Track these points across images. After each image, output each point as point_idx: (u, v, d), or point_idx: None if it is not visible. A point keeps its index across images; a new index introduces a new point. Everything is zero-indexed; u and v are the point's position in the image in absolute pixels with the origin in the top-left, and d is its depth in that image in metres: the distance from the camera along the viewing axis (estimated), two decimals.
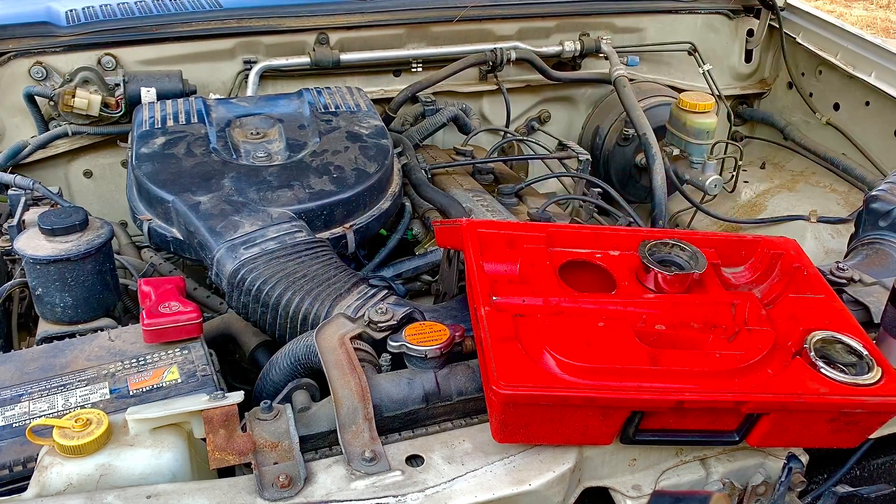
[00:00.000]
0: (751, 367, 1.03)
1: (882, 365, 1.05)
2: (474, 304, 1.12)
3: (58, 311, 1.43)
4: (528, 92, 2.69)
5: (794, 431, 1.05)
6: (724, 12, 2.81)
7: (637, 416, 1.01)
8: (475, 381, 1.14)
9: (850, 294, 1.39)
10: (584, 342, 1.04)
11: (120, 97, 2.12)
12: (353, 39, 2.40)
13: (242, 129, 1.85)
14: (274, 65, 2.32)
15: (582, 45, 2.61)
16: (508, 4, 2.57)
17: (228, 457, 0.98)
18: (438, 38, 2.49)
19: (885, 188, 1.70)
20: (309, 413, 1.08)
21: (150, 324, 1.21)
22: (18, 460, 1.04)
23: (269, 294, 1.36)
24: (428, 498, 0.96)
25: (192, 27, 2.27)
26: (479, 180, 2.25)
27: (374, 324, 1.20)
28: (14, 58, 2.14)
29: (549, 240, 1.25)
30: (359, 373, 1.09)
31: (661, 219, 2.30)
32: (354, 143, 1.81)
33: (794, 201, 2.62)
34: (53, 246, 1.41)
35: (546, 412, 0.98)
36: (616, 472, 1.10)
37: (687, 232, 1.41)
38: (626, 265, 1.23)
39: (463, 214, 1.90)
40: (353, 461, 0.99)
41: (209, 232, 1.50)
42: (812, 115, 2.78)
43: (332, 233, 1.63)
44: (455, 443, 1.05)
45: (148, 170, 1.67)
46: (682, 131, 2.47)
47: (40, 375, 1.18)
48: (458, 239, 1.27)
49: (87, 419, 0.99)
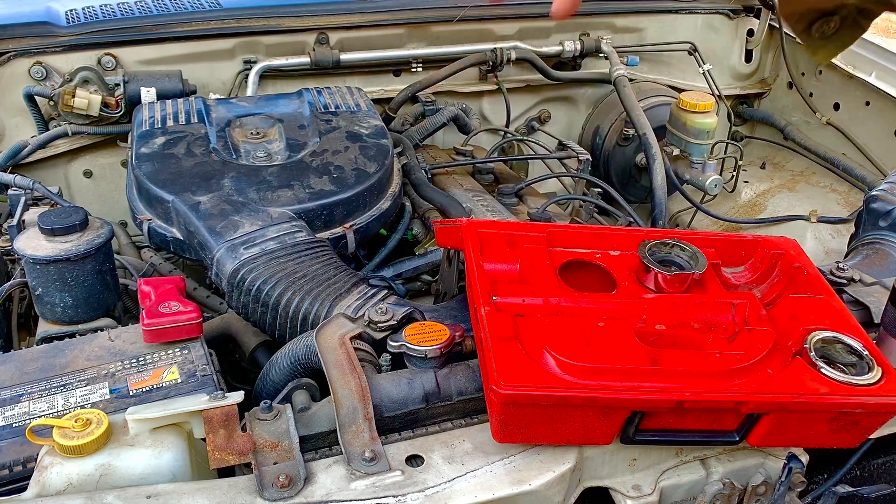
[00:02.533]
0: (751, 367, 1.03)
1: (882, 365, 1.05)
2: (474, 304, 1.12)
3: (58, 311, 1.43)
4: (528, 92, 2.69)
5: (794, 431, 1.05)
6: (724, 12, 2.81)
7: (637, 416, 1.01)
8: (475, 381, 1.14)
9: (850, 294, 1.39)
10: (584, 342, 1.04)
11: (120, 97, 2.12)
12: (353, 39, 2.40)
13: (242, 129, 1.85)
14: (274, 65, 2.32)
15: (582, 45, 2.61)
16: (508, 4, 2.57)
17: (228, 457, 0.98)
18: (438, 38, 2.49)
19: (885, 188, 1.70)
20: (309, 413, 1.08)
21: (150, 324, 1.21)
22: (18, 460, 1.03)
23: (269, 294, 1.36)
24: (428, 498, 0.95)
25: (192, 27, 2.27)
26: (479, 180, 2.24)
27: (374, 324, 1.20)
28: (14, 58, 2.13)
29: (549, 240, 1.25)
30: (359, 373, 1.09)
31: (661, 219, 2.30)
32: (354, 143, 1.81)
33: (794, 201, 2.62)
34: (53, 246, 1.41)
35: (546, 412, 0.98)
36: (616, 472, 1.10)
37: (687, 232, 1.40)
38: (626, 265, 1.23)
39: (463, 214, 1.90)
40: (353, 461, 0.99)
41: (209, 232, 1.50)
42: (812, 115, 2.78)
43: (332, 233, 1.63)
44: (455, 443, 1.05)
45: (148, 170, 1.67)
46: (682, 131, 2.46)
47: (40, 375, 1.18)
48: (458, 239, 1.27)
49: (87, 419, 0.99)
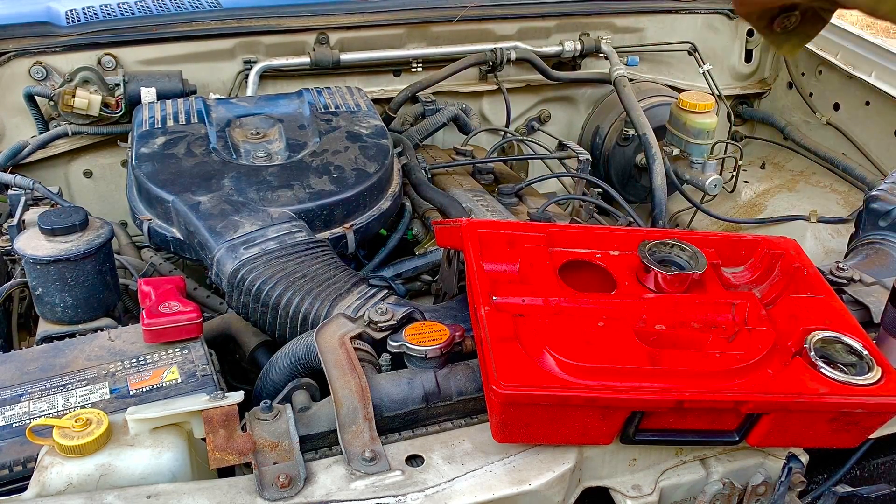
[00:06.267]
0: (751, 367, 1.03)
1: (882, 365, 1.05)
2: (474, 304, 1.12)
3: (58, 311, 1.43)
4: (528, 92, 2.69)
5: (794, 431, 1.05)
6: (724, 12, 2.81)
7: (637, 416, 1.01)
8: (475, 381, 1.14)
9: (850, 294, 1.39)
10: (584, 342, 1.04)
11: (120, 97, 2.12)
12: (353, 39, 2.40)
13: (242, 129, 1.85)
14: (274, 65, 2.32)
15: (582, 45, 2.61)
16: (508, 4, 2.57)
17: (228, 457, 0.98)
18: (438, 38, 2.49)
19: (885, 188, 1.70)
20: (309, 413, 1.08)
21: (150, 324, 1.21)
22: (18, 460, 1.04)
23: (269, 294, 1.36)
24: (428, 498, 0.95)
25: (192, 27, 2.27)
26: (479, 180, 2.24)
27: (374, 324, 1.20)
28: (14, 58, 2.13)
29: (549, 240, 1.25)
30: (359, 373, 1.09)
31: (661, 219, 2.30)
32: (354, 143, 1.81)
33: (794, 201, 2.62)
34: (53, 246, 1.41)
35: (546, 412, 0.98)
36: (616, 472, 1.10)
37: (687, 232, 1.40)
38: (626, 265, 1.23)
39: (463, 214, 1.90)
40: (353, 461, 0.99)
41: (209, 232, 1.50)
42: (812, 115, 2.78)
43: (332, 233, 1.63)
44: (455, 443, 1.05)
45: (148, 170, 1.67)
46: (682, 131, 2.46)
47: (40, 375, 1.18)
48: (458, 239, 1.27)
49: (87, 419, 0.99)
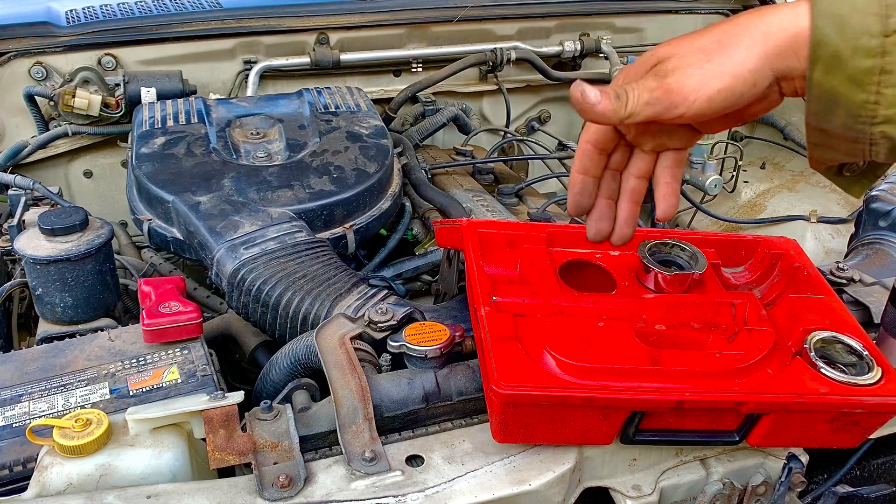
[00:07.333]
0: (751, 367, 1.03)
1: (882, 365, 1.04)
2: (474, 304, 1.12)
3: (58, 311, 1.43)
4: (528, 92, 2.68)
5: (794, 431, 1.05)
6: (724, 12, 2.81)
7: (637, 416, 1.01)
8: (475, 381, 1.14)
9: (850, 294, 1.39)
10: (584, 342, 1.04)
11: (120, 97, 2.12)
12: (353, 39, 2.40)
13: (242, 129, 1.85)
14: (274, 65, 2.32)
15: (582, 45, 2.61)
16: (508, 4, 2.57)
17: (228, 457, 0.98)
18: (438, 38, 2.49)
19: (885, 188, 1.70)
20: (309, 413, 1.08)
21: (150, 324, 1.21)
22: (18, 460, 1.03)
23: (269, 294, 1.36)
24: (428, 498, 0.95)
25: (192, 27, 2.27)
26: (479, 180, 2.24)
27: (374, 324, 1.19)
28: (14, 58, 2.13)
29: (549, 240, 1.25)
30: (359, 373, 1.09)
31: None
32: (354, 143, 1.81)
33: (794, 201, 2.61)
34: (53, 246, 1.41)
35: (546, 412, 0.98)
36: (616, 472, 1.10)
37: (687, 232, 1.40)
38: (626, 265, 1.23)
39: (463, 214, 1.90)
40: (353, 461, 0.99)
41: (209, 232, 1.50)
42: None
43: (332, 233, 1.63)
44: (455, 443, 1.05)
45: (148, 170, 1.67)
46: None
47: (40, 375, 1.18)
48: (458, 239, 1.27)
49: (87, 419, 0.99)
